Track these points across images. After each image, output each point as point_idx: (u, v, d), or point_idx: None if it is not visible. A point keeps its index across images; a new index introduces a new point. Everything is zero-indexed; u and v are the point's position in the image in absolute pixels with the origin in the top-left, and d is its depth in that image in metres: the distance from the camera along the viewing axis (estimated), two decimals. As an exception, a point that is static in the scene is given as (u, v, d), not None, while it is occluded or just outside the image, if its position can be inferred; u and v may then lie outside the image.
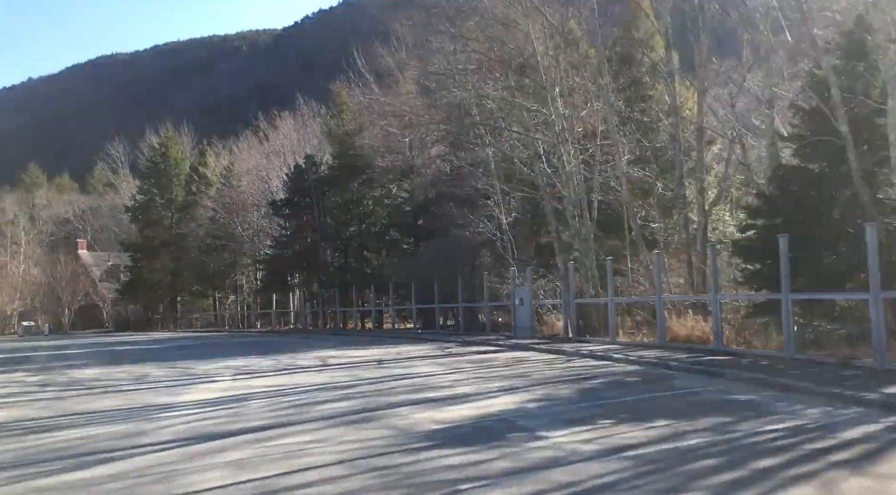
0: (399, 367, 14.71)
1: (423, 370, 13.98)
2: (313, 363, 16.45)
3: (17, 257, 64.07)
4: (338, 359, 17.56)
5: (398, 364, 15.65)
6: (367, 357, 18.04)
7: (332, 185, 39.08)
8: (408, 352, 19.54)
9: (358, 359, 17.50)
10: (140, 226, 51.93)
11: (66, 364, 18.69)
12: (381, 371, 13.98)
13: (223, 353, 20.16)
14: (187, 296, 52.29)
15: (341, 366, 15.33)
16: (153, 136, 54.57)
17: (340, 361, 16.95)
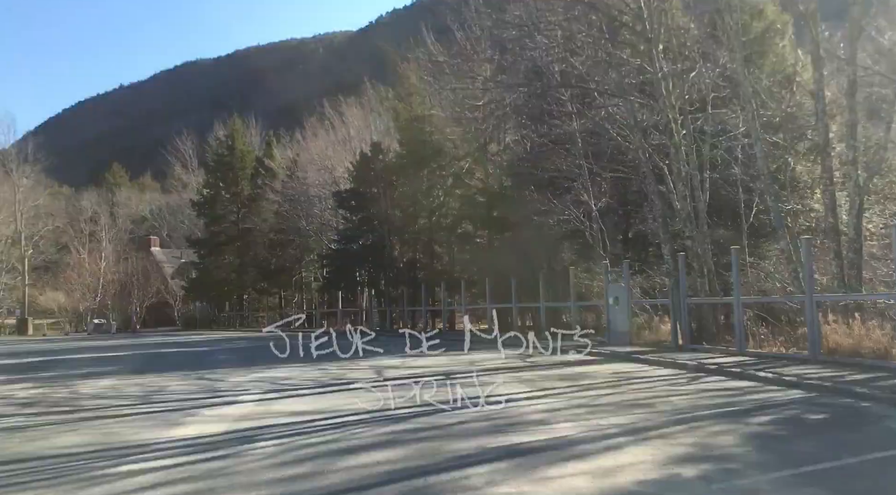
0: (470, 385, 11.45)
1: (502, 390, 10.71)
2: (366, 375, 13.45)
3: (93, 254, 64.39)
4: (397, 370, 14.54)
5: (469, 379, 12.41)
6: (433, 367, 14.94)
7: (399, 175, 36.26)
8: (482, 361, 16.31)
9: (422, 370, 14.40)
10: (206, 222, 50.60)
11: (87, 371, 16.33)
12: (449, 390, 10.77)
13: (269, 359, 17.36)
14: (253, 294, 50.61)
15: (399, 382, 12.21)
16: (220, 129, 53.19)
17: (400, 373, 13.91)
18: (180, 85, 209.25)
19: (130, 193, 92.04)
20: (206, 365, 17.30)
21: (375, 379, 12.60)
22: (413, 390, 10.98)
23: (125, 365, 18.00)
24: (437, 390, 10.75)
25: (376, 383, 12.18)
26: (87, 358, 21.48)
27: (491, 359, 16.87)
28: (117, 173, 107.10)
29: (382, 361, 16.18)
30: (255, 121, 57.89)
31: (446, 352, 18.49)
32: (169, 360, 19.99)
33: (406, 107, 36.46)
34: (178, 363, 18.63)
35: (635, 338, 18.91)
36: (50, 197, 78.04)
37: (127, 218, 78.19)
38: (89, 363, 19.08)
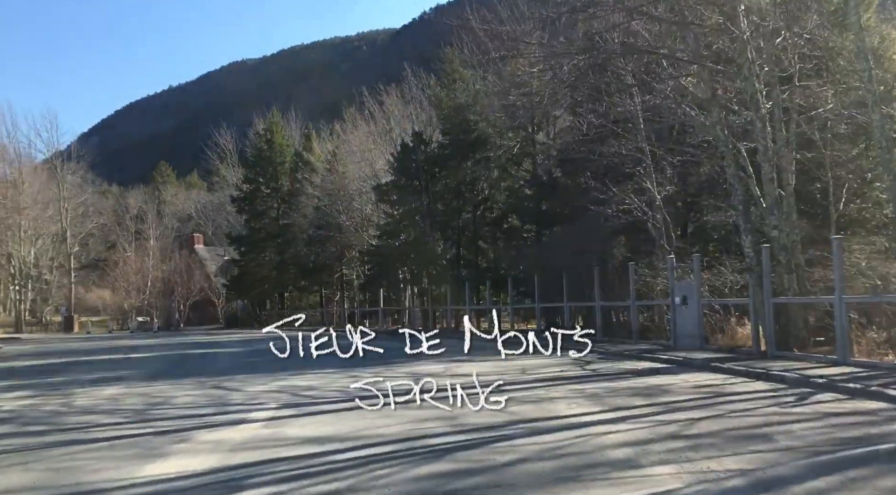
0: (526, 401, 9.55)
1: (564, 409, 8.76)
2: (402, 384, 11.51)
3: (139, 252, 64.34)
4: (438, 378, 12.60)
5: (524, 393, 10.51)
6: (479, 375, 13.00)
7: (442, 166, 34.43)
8: (535, 367, 14.34)
9: (466, 379, 12.48)
10: (246, 218, 49.60)
11: (98, 376, 14.90)
12: (499, 408, 8.84)
13: (298, 364, 15.65)
14: (294, 292, 49.42)
15: (438, 395, 10.32)
16: (260, 123, 52.13)
17: (441, 384, 12.01)
18: (227, 85, 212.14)
19: (177, 191, 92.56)
20: (229, 369, 15.74)
21: (412, 391, 10.73)
22: (455, 406, 9.13)
23: (143, 369, 16.53)
24: (486, 408, 8.84)
25: (413, 396, 10.29)
26: (110, 360, 20.19)
27: (545, 365, 14.89)
28: (164, 172, 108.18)
29: (423, 367, 14.34)
30: (294, 115, 56.81)
31: (494, 355, 16.65)
32: (192, 363, 18.51)
33: (449, 95, 34.62)
34: (199, 367, 17.12)
35: (707, 342, 16.71)
36: (98, 195, 78.75)
37: (173, 216, 78.35)
38: (108, 366, 17.71)
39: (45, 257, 63.43)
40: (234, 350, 22.15)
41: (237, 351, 21.74)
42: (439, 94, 35.33)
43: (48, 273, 64.60)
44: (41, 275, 62.07)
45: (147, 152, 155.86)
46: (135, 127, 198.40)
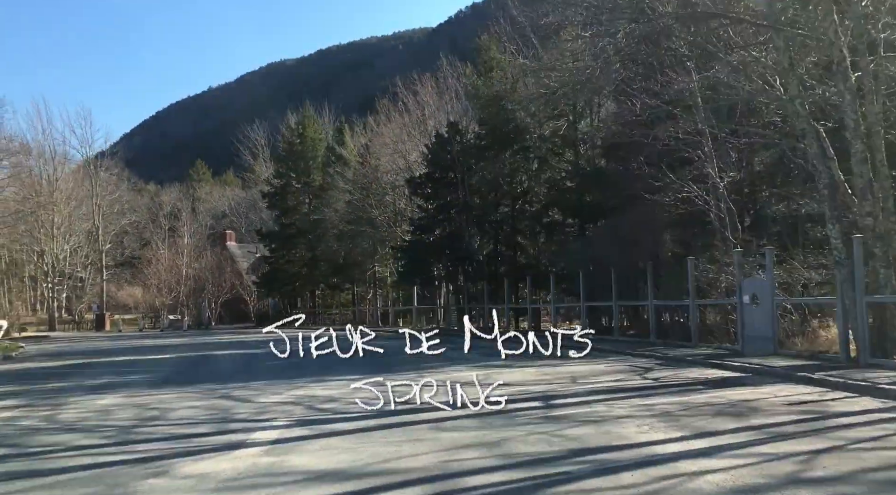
0: (585, 421, 7.84)
1: (635, 433, 7.03)
2: (434, 397, 9.97)
3: (172, 250, 63.95)
4: (471, 384, 11.03)
5: (580, 409, 8.82)
6: (523, 385, 11.45)
7: (479, 158, 32.74)
8: (585, 375, 12.65)
9: (509, 389, 10.90)
10: (277, 214, 48.53)
11: (103, 382, 13.65)
12: (551, 433, 7.21)
13: (322, 368, 14.17)
14: (326, 290, 48.20)
15: (479, 411, 8.75)
16: (292, 117, 51.02)
17: (473, 387, 10.43)
18: (264, 85, 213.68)
19: (212, 189, 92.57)
20: (247, 374, 14.32)
21: (448, 407, 9.13)
22: (498, 427, 7.51)
23: (155, 372, 15.23)
24: (532, 433, 7.19)
25: (448, 414, 8.72)
26: (125, 361, 19.00)
27: (597, 372, 13.17)
28: (200, 170, 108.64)
29: (458, 373, 12.76)
30: (327, 109, 55.66)
31: (537, 359, 15.00)
32: (209, 366, 17.18)
33: (486, 83, 32.92)
34: (215, 371, 15.77)
35: (781, 347, 14.78)
36: (133, 193, 78.88)
37: (207, 213, 78.07)
38: (119, 369, 16.46)
39: (79, 255, 63.47)
40: (257, 351, 20.78)
41: (261, 352, 20.30)
42: (475, 82, 33.66)
43: (82, 270, 64.65)
44: (74, 273, 62.06)
45: (186, 152, 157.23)
46: (175, 127, 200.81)
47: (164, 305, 57.44)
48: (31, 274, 64.60)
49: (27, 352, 23.91)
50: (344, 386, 11.67)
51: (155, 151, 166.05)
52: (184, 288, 58.06)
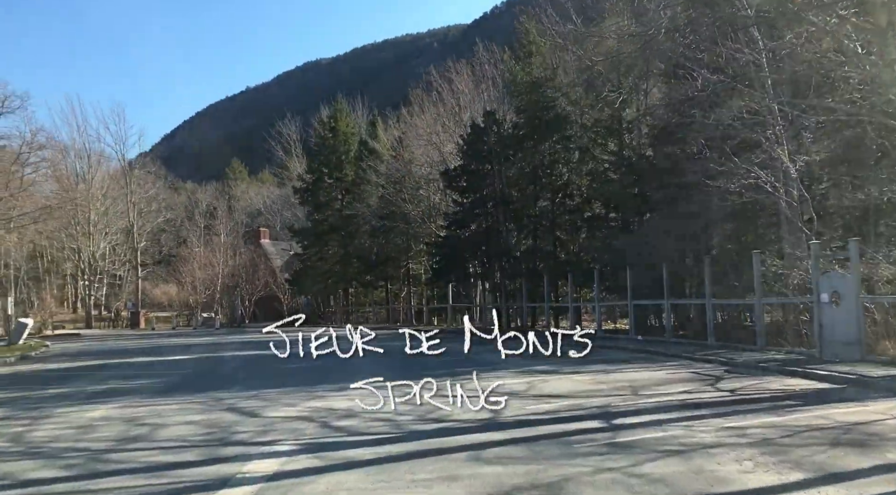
0: (665, 454, 6.18)
1: (737, 472, 5.38)
2: (471, 412, 8.48)
3: (208, 247, 63.49)
4: (521, 401, 9.58)
5: (653, 434, 7.17)
6: (574, 397, 9.86)
7: (517, 149, 31.08)
8: (646, 384, 10.99)
9: (556, 402, 9.40)
10: (309, 210, 47.39)
11: (105, 388, 12.49)
12: (626, 471, 5.59)
13: (347, 373, 12.73)
14: (359, 288, 46.91)
15: (525, 432, 7.23)
16: (324, 110, 49.82)
17: (525, 408, 8.94)
18: (301, 84, 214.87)
19: (248, 187, 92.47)
20: (263, 379, 12.97)
21: (488, 424, 7.59)
22: (551, 453, 5.95)
23: (166, 377, 13.98)
24: (604, 464, 5.59)
25: (486, 438, 7.20)
26: (140, 363, 17.87)
27: (657, 381, 11.48)
28: (237, 169, 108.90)
29: (498, 380, 11.17)
30: (361, 103, 54.44)
31: (585, 364, 13.40)
32: (226, 370, 15.92)
33: (525, 68, 31.24)
34: (230, 376, 14.46)
35: (869, 352, 12.90)
36: (170, 191, 78.96)
37: (242, 211, 77.70)
38: (129, 372, 15.28)
39: (116, 253, 63.41)
40: (280, 352, 19.45)
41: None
42: (514, 68, 31.98)
43: (119, 268, 64.61)
44: (111, 271, 61.99)
45: (224, 151, 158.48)
46: (213, 127, 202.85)
47: (197, 303, 56.88)
48: (69, 272, 64.75)
49: (48, 352, 23.01)
50: (373, 393, 10.22)
51: (194, 151, 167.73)
52: (218, 286, 57.45)
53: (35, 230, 39.24)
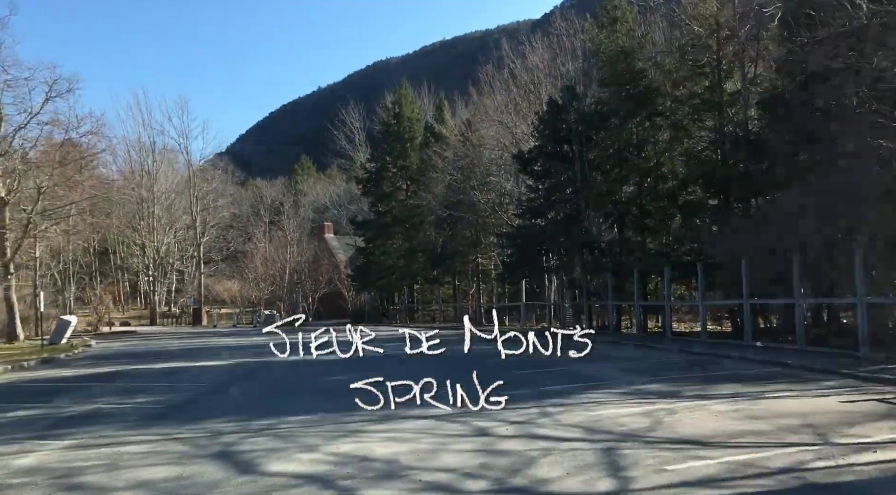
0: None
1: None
2: (574, 466, 5.12)
3: (273, 243, 62.10)
4: (649, 447, 6.20)
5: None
6: (728, 445, 6.41)
7: (600, 127, 27.46)
8: (822, 419, 7.47)
9: (711, 457, 5.95)
10: (371, 201, 44.79)
11: (85, 409, 9.99)
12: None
13: (396, 391, 9.66)
14: (424, 284, 44.00)
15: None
16: (388, 96, 47.12)
17: (665, 469, 5.56)
18: (370, 83, 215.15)
19: (315, 184, 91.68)
20: (291, 397, 10.24)
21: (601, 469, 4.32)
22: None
23: (174, 393, 11.38)
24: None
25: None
26: (162, 371, 15.39)
27: (843, 417, 7.91)
28: (305, 164, 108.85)
29: (606, 411, 7.93)
30: (426, 89, 51.60)
31: (700, 382, 10.00)
32: (250, 383, 13.17)
33: (610, 36, 27.56)
34: (251, 391, 11.69)
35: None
36: (237, 186, 78.40)
37: (309, 206, 76.43)
38: (139, 384, 12.79)
39: (181, 248, 62.71)
40: (328, 358, 16.63)
41: (330, 360, 16.22)
42: (597, 37, 28.33)
43: (183, 264, 63.91)
44: (175, 266, 61.23)
45: (295, 150, 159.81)
46: (286, 127, 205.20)
47: (260, 300, 55.33)
48: (134, 267, 64.50)
49: (81, 354, 21.01)
50: (418, 435, 7.13)
51: (266, 151, 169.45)
52: (286, 282, 55.74)
53: (89, 224, 38.09)
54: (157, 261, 57.29)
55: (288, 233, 60.97)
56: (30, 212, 28.03)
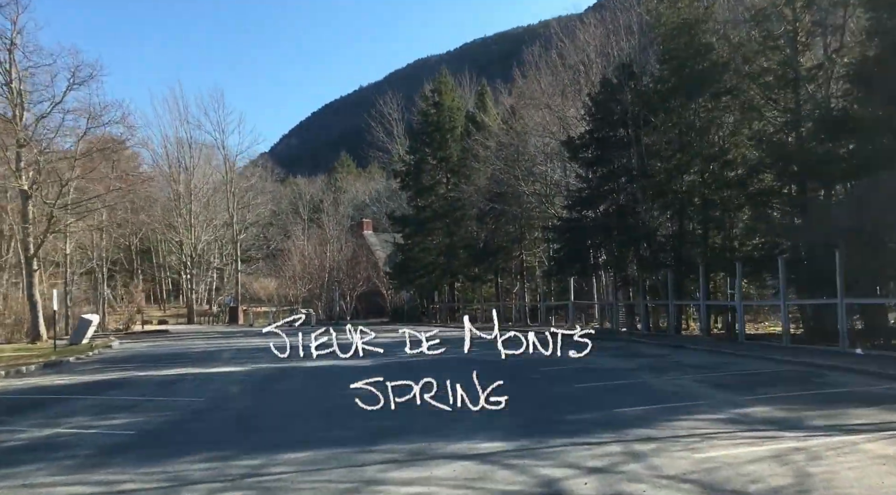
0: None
1: None
2: None
3: (311, 241, 60.70)
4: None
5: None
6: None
7: (659, 109, 24.95)
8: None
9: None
10: (410, 195, 42.73)
11: (37, 436, 7.94)
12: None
13: (436, 418, 7.47)
14: (466, 282, 41.75)
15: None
16: (427, 85, 44.98)
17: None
18: (412, 82, 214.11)
19: (355, 180, 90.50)
20: (296, 422, 8.16)
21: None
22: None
23: (160, 411, 9.39)
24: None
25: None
26: (163, 378, 13.51)
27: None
28: (345, 162, 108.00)
29: (717, 450, 5.53)
30: (467, 77, 49.38)
31: (816, 406, 7.59)
32: (258, 399, 11.17)
33: (670, 7, 24.96)
34: (256, 409, 9.72)
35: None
36: (276, 184, 77.40)
37: (349, 204, 75.06)
38: (128, 396, 10.95)
39: (218, 245, 61.73)
40: (358, 363, 14.56)
41: (361, 365, 14.10)
42: (656, 9, 25.74)
43: (221, 262, 62.95)
44: (213, 264, 60.23)
45: (336, 149, 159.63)
46: (327, 126, 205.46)
47: (297, 298, 53.81)
48: (174, 266, 63.76)
49: (93, 357, 19.43)
50: (465, 488, 4.96)
51: (309, 150, 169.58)
52: (320, 279, 54.14)
53: (120, 219, 36.94)
54: (194, 258, 56.26)
55: (327, 231, 59.45)
56: (52, 204, 26.70)
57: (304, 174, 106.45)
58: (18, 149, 26.91)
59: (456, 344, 7.09)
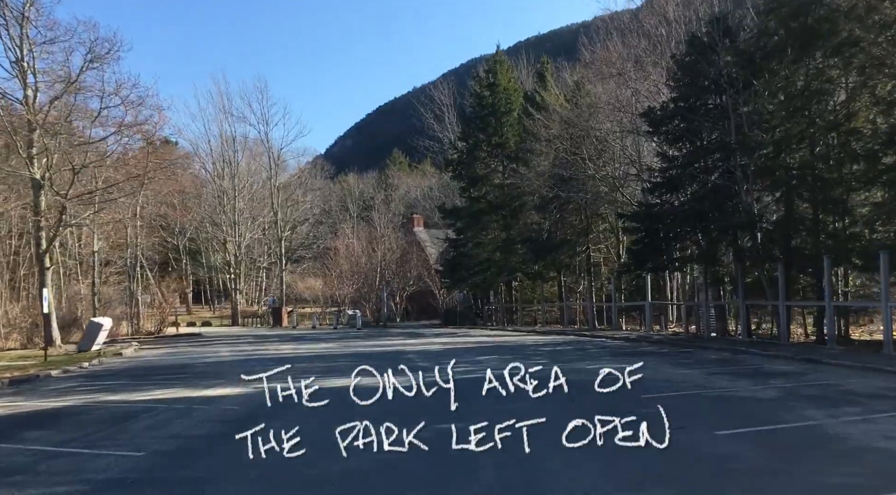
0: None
1: None
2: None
3: (360, 239, 57.79)
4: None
5: None
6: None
7: (761, 69, 20.63)
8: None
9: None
10: (462, 185, 39.06)
11: None
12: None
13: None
14: (525, 281, 37.79)
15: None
16: (481, 66, 41.22)
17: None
18: (464, 81, 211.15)
19: (408, 178, 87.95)
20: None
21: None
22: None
23: (82, 474, 5.79)
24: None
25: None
26: (130, 411, 10.09)
27: None
28: (397, 158, 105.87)
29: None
30: (524, 58, 45.44)
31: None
32: (233, 458, 7.52)
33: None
34: (237, 461, 6.02)
35: None
36: (326, 182, 75.07)
37: (400, 201, 72.28)
38: (113, 430, 7.37)
39: (263, 244, 59.37)
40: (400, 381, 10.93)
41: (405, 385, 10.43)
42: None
43: (271, 260, 60.56)
44: (258, 264, 57.82)
45: (390, 149, 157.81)
46: (383, 127, 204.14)
47: (344, 298, 50.77)
48: (220, 266, 61.72)
49: (84, 371, 16.38)
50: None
51: (363, 151, 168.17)
52: (369, 279, 50.99)
53: (146, 213, 34.42)
54: (238, 257, 53.87)
55: (378, 229, 56.49)
56: (64, 195, 24.03)
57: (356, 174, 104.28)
58: (30, 134, 24.34)
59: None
